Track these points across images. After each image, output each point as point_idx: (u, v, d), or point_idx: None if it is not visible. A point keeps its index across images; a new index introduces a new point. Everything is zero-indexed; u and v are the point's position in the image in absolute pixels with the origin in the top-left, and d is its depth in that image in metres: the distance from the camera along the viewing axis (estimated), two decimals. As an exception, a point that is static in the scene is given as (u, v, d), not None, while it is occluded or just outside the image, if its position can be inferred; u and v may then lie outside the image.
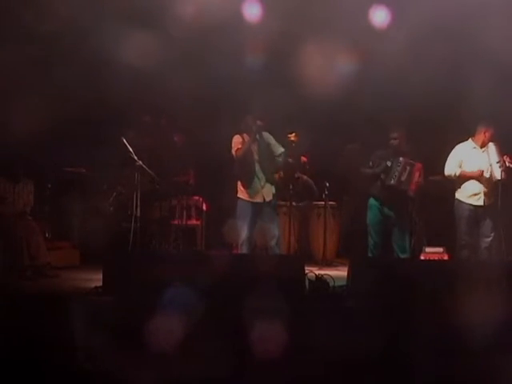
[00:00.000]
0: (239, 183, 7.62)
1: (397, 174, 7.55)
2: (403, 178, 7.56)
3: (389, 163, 7.58)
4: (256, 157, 7.57)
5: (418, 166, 7.59)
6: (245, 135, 7.59)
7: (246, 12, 8.38)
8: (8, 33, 8.02)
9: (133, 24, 7.75)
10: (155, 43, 7.83)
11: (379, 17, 8.37)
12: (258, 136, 7.55)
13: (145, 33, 7.79)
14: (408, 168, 7.55)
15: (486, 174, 7.44)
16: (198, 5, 7.87)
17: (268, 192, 7.62)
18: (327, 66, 8.24)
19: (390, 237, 7.76)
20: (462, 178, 7.54)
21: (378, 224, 7.72)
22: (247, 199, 7.56)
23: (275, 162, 7.69)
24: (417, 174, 7.57)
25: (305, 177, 9.24)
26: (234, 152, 7.57)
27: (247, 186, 7.57)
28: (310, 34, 8.10)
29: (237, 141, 7.58)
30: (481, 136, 7.52)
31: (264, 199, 7.57)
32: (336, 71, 8.28)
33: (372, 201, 7.76)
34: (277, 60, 8.53)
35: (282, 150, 7.71)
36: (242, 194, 7.60)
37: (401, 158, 7.59)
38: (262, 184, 7.58)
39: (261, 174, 7.57)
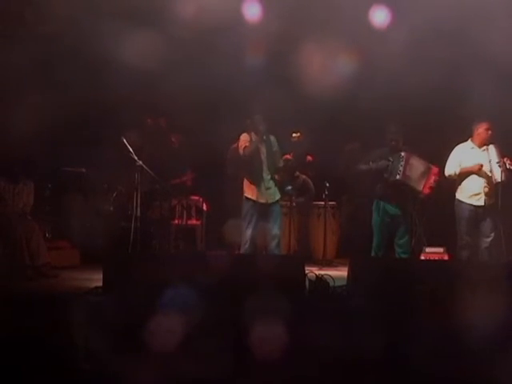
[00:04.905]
0: (246, 182, 7.62)
1: (401, 168, 7.51)
2: (409, 173, 7.51)
3: (390, 159, 7.56)
4: (263, 158, 7.57)
5: (435, 170, 7.57)
6: (252, 134, 7.59)
7: (246, 12, 8.39)
8: (8, 33, 8.02)
9: (133, 24, 7.75)
10: (155, 44, 7.83)
11: (379, 18, 8.38)
12: (265, 137, 7.56)
13: (145, 33, 7.79)
14: (422, 168, 7.52)
15: (486, 169, 7.42)
16: (198, 5, 7.87)
17: (272, 194, 7.62)
18: (327, 67, 8.25)
19: (394, 237, 7.76)
20: (463, 175, 7.51)
21: (383, 225, 7.69)
22: (254, 199, 7.55)
23: (277, 163, 7.71)
24: (433, 178, 7.56)
25: (303, 176, 9.25)
26: (241, 150, 7.57)
27: (254, 185, 7.56)
28: (310, 34, 8.11)
29: (244, 139, 7.58)
30: (482, 133, 7.48)
31: (267, 201, 7.57)
32: (336, 72, 8.29)
33: (377, 203, 7.73)
34: (276, 60, 8.53)
35: (280, 163, 7.73)
36: (248, 193, 7.59)
37: (402, 153, 7.56)
38: (267, 185, 7.58)
39: (266, 175, 7.58)
